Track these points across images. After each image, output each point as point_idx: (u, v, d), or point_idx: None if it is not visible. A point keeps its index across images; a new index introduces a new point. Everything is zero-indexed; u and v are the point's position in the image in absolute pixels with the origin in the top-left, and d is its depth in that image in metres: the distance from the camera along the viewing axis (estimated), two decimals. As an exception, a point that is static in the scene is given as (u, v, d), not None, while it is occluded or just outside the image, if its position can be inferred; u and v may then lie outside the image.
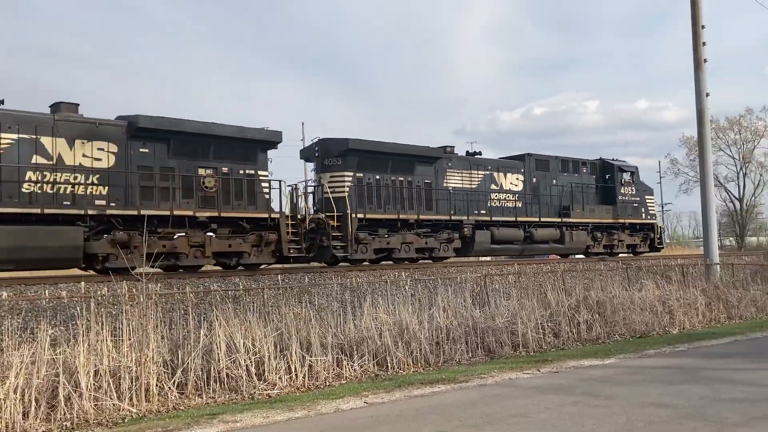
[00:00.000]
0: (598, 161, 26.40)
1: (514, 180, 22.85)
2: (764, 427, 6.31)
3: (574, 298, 14.51)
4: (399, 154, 19.78)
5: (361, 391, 8.84)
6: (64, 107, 14.64)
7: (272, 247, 16.35)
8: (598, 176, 26.02)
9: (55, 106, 14.74)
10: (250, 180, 16.46)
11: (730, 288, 17.86)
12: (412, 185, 19.96)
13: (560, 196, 24.04)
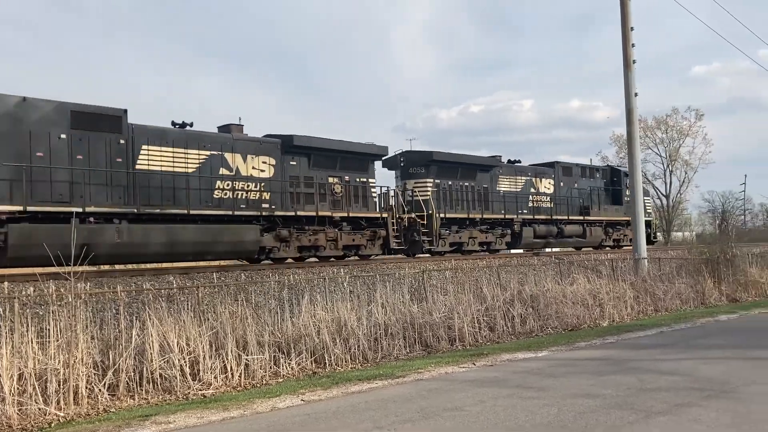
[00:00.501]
0: (607, 168, 31.24)
1: (547, 184, 27.10)
2: (685, 413, 6.60)
3: (509, 292, 14.80)
4: (466, 163, 23.99)
5: (299, 389, 8.80)
6: (234, 128, 18.21)
7: (381, 241, 20.05)
8: (608, 181, 30.28)
9: (225, 127, 18.34)
10: (363, 186, 20.33)
11: (657, 281, 18.57)
12: (475, 189, 24.11)
13: (581, 198, 28.27)
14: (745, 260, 22.34)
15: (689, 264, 20.75)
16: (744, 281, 20.89)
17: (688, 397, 7.30)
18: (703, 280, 19.50)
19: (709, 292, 19.36)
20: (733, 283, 20.48)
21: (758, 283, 21.28)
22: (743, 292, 20.50)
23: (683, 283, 18.98)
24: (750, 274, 21.46)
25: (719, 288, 19.89)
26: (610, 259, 20.10)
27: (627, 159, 24.43)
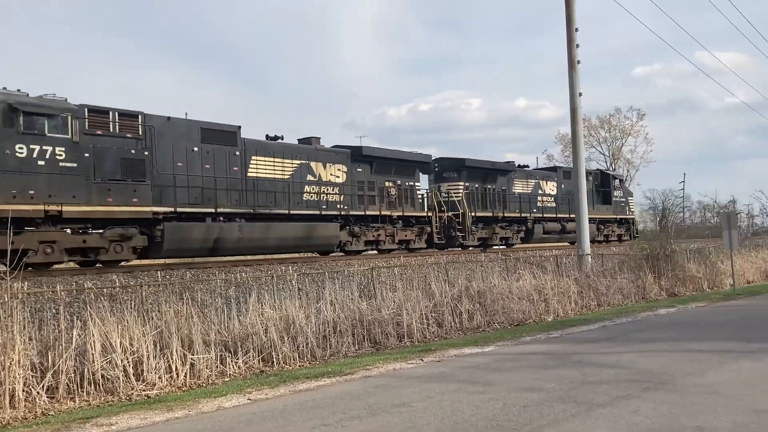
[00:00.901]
0: (598, 171, 35.49)
1: (552, 186, 31.09)
2: (625, 406, 6.78)
3: (457, 288, 14.94)
4: (490, 168, 27.97)
5: (245, 387, 8.70)
6: (314, 140, 21.71)
7: (425, 236, 23.82)
8: (599, 183, 34.09)
9: (306, 139, 21.83)
10: (411, 189, 23.93)
11: (600, 277, 19.04)
12: (496, 191, 27.84)
13: None
14: (684, 256, 23.12)
15: (631, 260, 21.34)
16: (682, 276, 21.62)
17: (628, 390, 7.50)
18: (643, 276, 20.09)
19: (650, 287, 19.96)
20: (672, 278, 21.17)
21: (695, 278, 22.05)
22: (681, 287, 21.22)
23: (625, 279, 19.51)
24: (688, 269, 22.22)
25: (659, 283, 20.53)
26: (555, 256, 20.50)
27: (572, 157, 24.97)
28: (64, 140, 14.86)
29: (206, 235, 17.06)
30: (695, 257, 23.81)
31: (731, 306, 17.11)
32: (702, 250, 25.19)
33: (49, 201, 14.48)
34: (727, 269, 23.08)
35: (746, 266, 26.42)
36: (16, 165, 14.14)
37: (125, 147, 16.06)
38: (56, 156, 14.73)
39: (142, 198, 16.14)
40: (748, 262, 27.21)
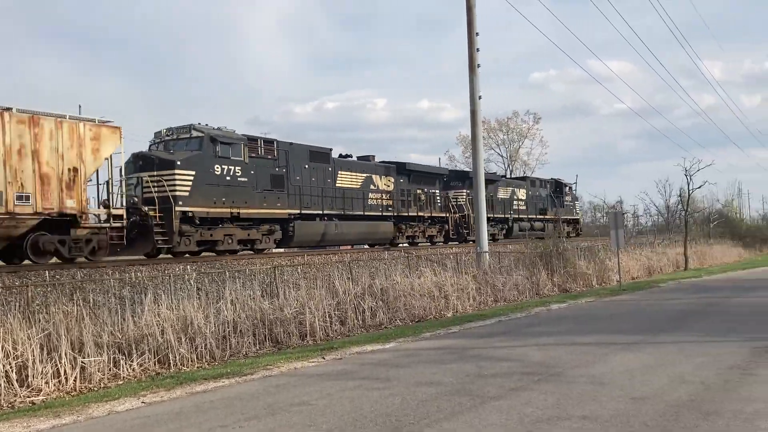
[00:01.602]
0: (552, 180, 42.20)
1: (523, 193, 37.77)
2: (518, 397, 7.03)
3: (361, 286, 15.00)
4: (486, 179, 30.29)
5: (140, 390, 8.38)
6: (371, 157, 27.92)
7: (443, 233, 30.31)
8: (553, 189, 41.58)
9: (365, 157, 27.84)
10: (433, 195, 30.02)
11: (497, 274, 19.65)
12: (488, 197, 30.60)
13: (540, 202, 39.37)
14: (575, 254, 24.26)
15: (526, 258, 22.14)
16: (573, 273, 22.68)
17: (521, 382, 7.78)
18: (538, 273, 20.91)
19: (543, 283, 20.80)
20: (564, 275, 22.16)
21: (585, 275, 23.19)
22: (573, 283, 22.26)
23: (520, 275, 20.23)
24: (578, 266, 23.33)
25: (552, 279, 21.44)
26: (455, 253, 20.99)
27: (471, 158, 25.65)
28: (241, 162, 20.34)
29: (318, 230, 23.33)
30: (585, 255, 25.04)
31: (617, 301, 18.11)
32: (592, 248, 26.52)
33: (232, 206, 19.81)
34: (614, 266, 24.40)
35: (631, 263, 28.12)
36: (214, 180, 19.40)
37: (271, 166, 21.55)
38: (236, 173, 20.12)
39: (282, 203, 21.70)
40: (633, 259, 28.99)
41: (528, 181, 39.32)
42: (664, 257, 32.69)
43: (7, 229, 14.16)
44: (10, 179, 13.87)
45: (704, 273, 29.82)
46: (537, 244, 23.21)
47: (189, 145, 19.43)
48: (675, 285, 23.47)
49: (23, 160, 14.12)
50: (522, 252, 23.25)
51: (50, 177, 14.62)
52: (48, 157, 14.58)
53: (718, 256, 40.60)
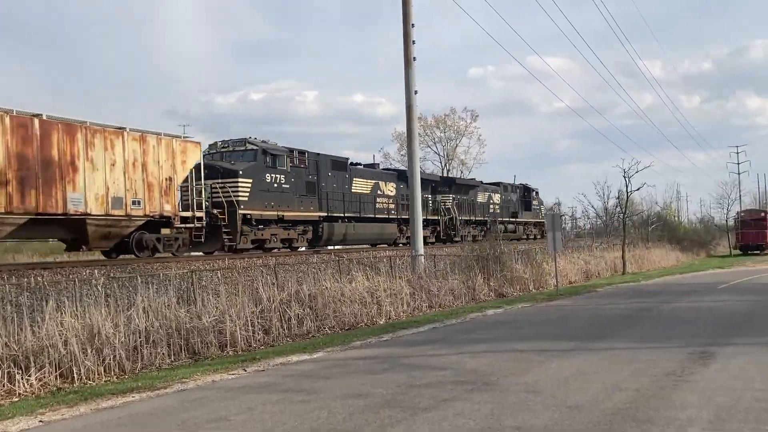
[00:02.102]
0: (521, 185, 47.82)
1: (498, 197, 43.29)
2: (450, 408, 7.09)
3: (287, 292, 14.83)
4: (467, 185, 41.05)
5: (38, 408, 8.03)
6: (377, 165, 34.92)
7: (436, 233, 34.90)
8: (522, 194, 47.16)
9: (371, 165, 34.15)
10: (427, 200, 33.70)
11: (432, 278, 19.84)
12: (467, 201, 39.05)
13: (512, 206, 44.99)
14: (511, 257, 24.75)
15: (462, 261, 22.45)
16: (510, 277, 23.13)
17: (454, 392, 7.86)
18: (474, 277, 21.22)
19: (480, 288, 21.13)
20: (500, 279, 22.57)
21: (522, 279, 23.71)
22: (509, 288, 22.70)
23: (456, 280, 20.48)
24: (515, 270, 23.81)
25: (488, 284, 21.81)
26: (389, 257, 21.06)
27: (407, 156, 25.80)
28: (284, 171, 24.83)
29: (341, 231, 27.90)
30: (522, 258, 25.59)
31: (554, 306, 18.58)
32: (528, 252, 27.14)
33: (278, 209, 24.18)
34: (551, 270, 25.03)
35: (569, 267, 28.91)
36: (266, 187, 23.81)
37: (305, 174, 25.99)
38: (281, 181, 24.49)
39: (314, 207, 26.13)
40: (571, 263, 29.80)
41: (501, 186, 44.80)
42: (602, 261, 33.72)
43: (122, 228, 18.70)
44: (128, 187, 18.39)
45: (642, 277, 30.92)
46: (473, 247, 23.57)
47: (245, 156, 24.06)
48: (612, 289, 24.27)
49: (136, 171, 18.68)
50: (458, 255, 23.55)
51: (153, 185, 19.14)
52: (152, 169, 19.12)
53: (656, 260, 42.17)
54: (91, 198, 17.45)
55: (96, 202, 17.58)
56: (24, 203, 15.89)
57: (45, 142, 16.46)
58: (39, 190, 16.21)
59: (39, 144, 16.32)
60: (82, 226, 17.49)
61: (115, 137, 18.23)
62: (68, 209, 16.92)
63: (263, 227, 23.70)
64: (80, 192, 17.21)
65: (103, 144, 17.89)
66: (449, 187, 38.30)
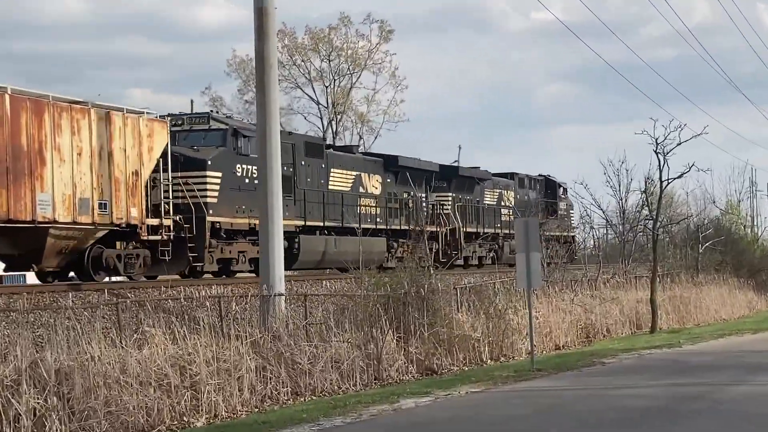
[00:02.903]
0: (542, 178, 53.91)
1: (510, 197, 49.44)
2: None
3: (13, 365, 14.44)
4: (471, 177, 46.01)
5: None
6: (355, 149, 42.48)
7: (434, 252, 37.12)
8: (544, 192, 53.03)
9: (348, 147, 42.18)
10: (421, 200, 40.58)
11: (300, 339, 19.71)
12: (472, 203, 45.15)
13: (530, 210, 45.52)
14: (450, 299, 24.91)
15: (358, 306, 22.39)
16: (447, 337, 23.28)
17: None
18: (379, 335, 21.20)
19: (390, 356, 21.22)
20: (429, 341, 22.68)
21: (468, 339, 23.90)
22: (446, 357, 22.92)
23: (347, 342, 20.44)
24: (457, 323, 23.98)
25: (406, 349, 21.90)
26: (215, 297, 20.80)
27: (256, 104, 25.53)
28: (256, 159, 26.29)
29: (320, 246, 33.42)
30: (470, 301, 25.83)
31: (524, 394, 18.78)
32: (481, 290, 27.39)
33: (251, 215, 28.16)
34: (522, 324, 25.41)
35: (554, 318, 29.36)
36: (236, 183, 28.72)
37: None
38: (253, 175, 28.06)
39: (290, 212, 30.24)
40: (559, 310, 30.24)
41: (516, 179, 50.61)
42: (614, 307, 34.55)
43: (82, 242, 22.84)
44: (95, 185, 22.30)
45: (685, 338, 31.71)
46: (379, 282, 23.59)
47: (208, 138, 28.47)
48: (633, 361, 24.80)
49: (102, 163, 22.75)
50: (352, 296, 23.47)
51: (120, 182, 23.14)
52: (118, 159, 23.30)
53: (712, 307, 43.50)
54: (58, 200, 21.59)
55: (62, 206, 21.70)
56: None
57: (15, 125, 20.69)
58: (9, 190, 20.40)
59: (10, 128, 20.52)
60: (42, 237, 21.72)
61: (81, 117, 22.36)
62: (36, 215, 21.19)
63: (232, 241, 28.37)
64: (48, 192, 21.38)
65: (69, 126, 22.06)
66: (448, 182, 43.77)
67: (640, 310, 36.08)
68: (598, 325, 32.62)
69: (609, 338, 32.00)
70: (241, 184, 28.54)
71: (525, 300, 25.21)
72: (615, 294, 35.99)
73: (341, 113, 67.80)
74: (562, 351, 27.69)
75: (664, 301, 37.73)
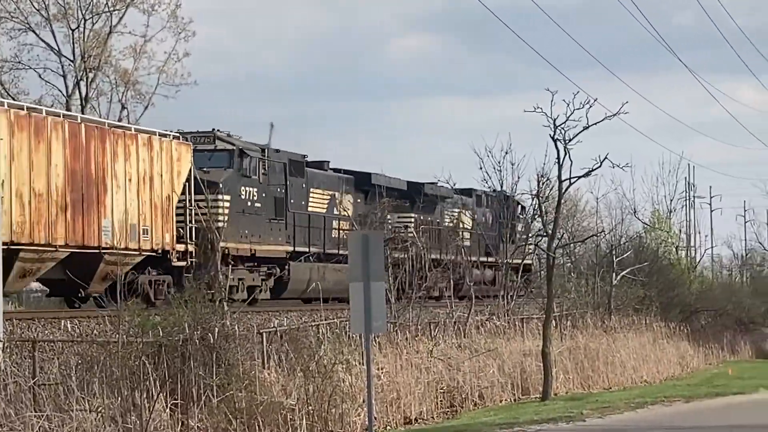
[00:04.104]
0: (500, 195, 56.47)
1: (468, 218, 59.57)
2: None
3: None
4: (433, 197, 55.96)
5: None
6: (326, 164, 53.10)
7: None
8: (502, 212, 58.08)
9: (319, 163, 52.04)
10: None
11: (24, 407, 19.38)
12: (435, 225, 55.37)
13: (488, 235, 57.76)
14: (254, 348, 24.77)
15: (114, 358, 22.10)
16: (247, 404, 23.16)
17: None
18: (144, 402, 21.00)
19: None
20: (219, 410, 22.59)
21: (279, 408, 23.79)
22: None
23: (96, 411, 20.19)
24: (262, 384, 23.85)
25: (186, 422, 21.95)
26: None
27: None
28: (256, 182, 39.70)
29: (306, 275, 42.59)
30: (284, 353, 25.72)
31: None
32: (297, 336, 27.26)
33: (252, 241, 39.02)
34: (358, 386, 25.46)
35: (404, 378, 29.48)
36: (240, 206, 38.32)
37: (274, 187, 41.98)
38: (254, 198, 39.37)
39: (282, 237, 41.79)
40: (412, 366, 30.38)
41: (474, 196, 60.03)
42: (491, 363, 34.79)
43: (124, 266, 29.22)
44: (140, 210, 30.60)
45: (591, 407, 32.18)
46: (146, 323, 23.27)
47: (215, 159, 37.21)
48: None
49: (145, 188, 30.89)
50: (105, 344, 23.15)
51: (157, 207, 31.29)
52: (156, 184, 31.52)
53: (630, 363, 44.22)
54: (115, 226, 30.26)
55: (119, 232, 30.22)
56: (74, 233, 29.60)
57: (87, 153, 29.58)
58: (83, 217, 29.26)
59: (85, 156, 29.50)
60: (96, 263, 30.42)
61: (131, 143, 31.31)
62: (102, 241, 30.12)
63: (234, 267, 34.73)
64: (109, 218, 30.23)
65: (123, 153, 30.80)
66: (411, 201, 52.62)
67: (527, 368, 36.40)
68: (468, 388, 32.86)
69: (483, 407, 32.18)
70: (245, 207, 37.86)
71: (362, 351, 25.23)
72: (492, 343, 36.25)
73: (95, 69, 66.89)
74: (414, 426, 27.76)
75: (562, 355, 38.18)
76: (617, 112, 37.56)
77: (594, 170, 38.23)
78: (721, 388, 39.45)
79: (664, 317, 52.44)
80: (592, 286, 49.92)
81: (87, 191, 28.63)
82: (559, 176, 38.23)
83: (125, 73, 67.77)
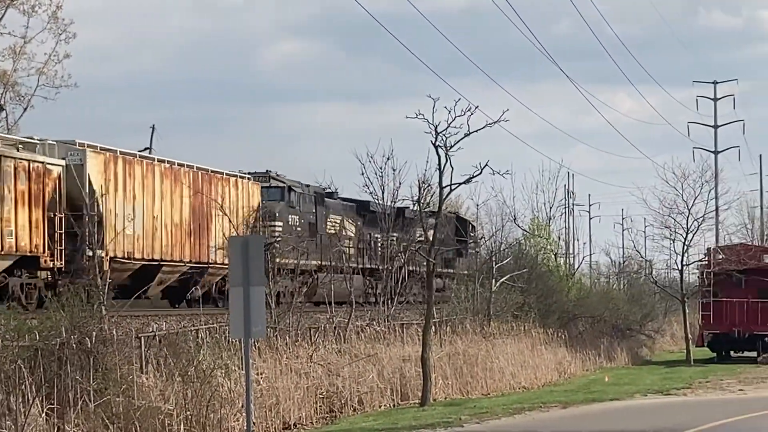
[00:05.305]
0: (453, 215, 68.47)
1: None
2: None
3: None
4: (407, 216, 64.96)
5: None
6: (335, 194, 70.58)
7: None
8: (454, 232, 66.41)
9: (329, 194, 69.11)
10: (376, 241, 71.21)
11: None
12: None
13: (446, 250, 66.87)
14: (132, 353, 24.49)
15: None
16: (124, 409, 22.90)
17: None
18: (20, 407, 20.66)
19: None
20: (96, 414, 22.41)
21: (156, 413, 23.59)
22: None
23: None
24: (140, 389, 23.61)
25: (62, 427, 21.46)
26: None
27: None
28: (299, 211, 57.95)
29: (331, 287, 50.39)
30: (162, 357, 25.46)
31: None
32: (176, 341, 26.96)
33: None
34: (237, 391, 25.41)
35: (283, 383, 29.38)
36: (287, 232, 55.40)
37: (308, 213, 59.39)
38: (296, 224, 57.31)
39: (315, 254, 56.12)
40: (291, 371, 30.25)
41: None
42: (370, 369, 34.68)
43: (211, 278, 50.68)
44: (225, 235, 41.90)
45: (469, 413, 32.34)
46: (22, 326, 22.94)
47: (270, 194, 53.45)
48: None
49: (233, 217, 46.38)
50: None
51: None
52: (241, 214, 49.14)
53: (508, 369, 44.36)
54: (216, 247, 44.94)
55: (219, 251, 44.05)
56: (192, 252, 46.88)
57: (203, 193, 46.10)
58: (199, 240, 46.58)
59: (201, 197, 45.86)
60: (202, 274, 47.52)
61: (225, 184, 48.33)
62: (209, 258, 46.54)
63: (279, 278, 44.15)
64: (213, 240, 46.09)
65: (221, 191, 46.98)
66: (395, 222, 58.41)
67: (407, 373, 36.43)
68: (347, 393, 32.85)
69: (362, 413, 32.18)
70: (291, 230, 51.65)
71: (242, 356, 25.06)
72: (372, 349, 36.24)
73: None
74: (294, 429, 27.62)
75: (441, 361, 38.26)
76: (498, 119, 37.59)
77: (474, 177, 38.30)
78: (598, 394, 39.92)
79: (542, 323, 52.73)
80: (472, 292, 50.09)
81: (201, 221, 44.51)
82: (440, 182, 38.39)
83: (4, 74, 67.03)
